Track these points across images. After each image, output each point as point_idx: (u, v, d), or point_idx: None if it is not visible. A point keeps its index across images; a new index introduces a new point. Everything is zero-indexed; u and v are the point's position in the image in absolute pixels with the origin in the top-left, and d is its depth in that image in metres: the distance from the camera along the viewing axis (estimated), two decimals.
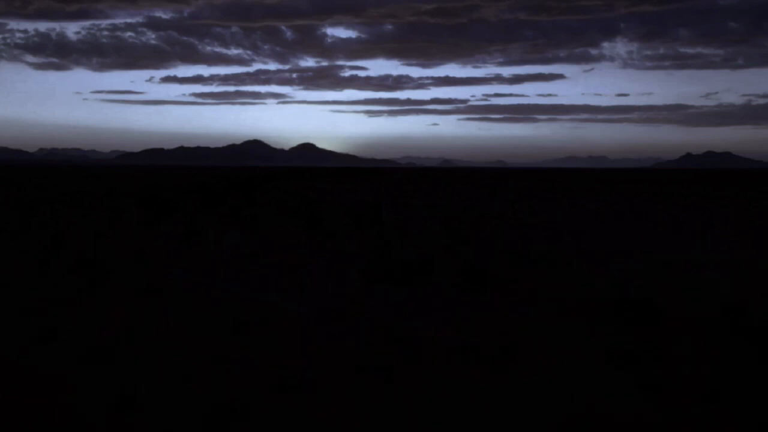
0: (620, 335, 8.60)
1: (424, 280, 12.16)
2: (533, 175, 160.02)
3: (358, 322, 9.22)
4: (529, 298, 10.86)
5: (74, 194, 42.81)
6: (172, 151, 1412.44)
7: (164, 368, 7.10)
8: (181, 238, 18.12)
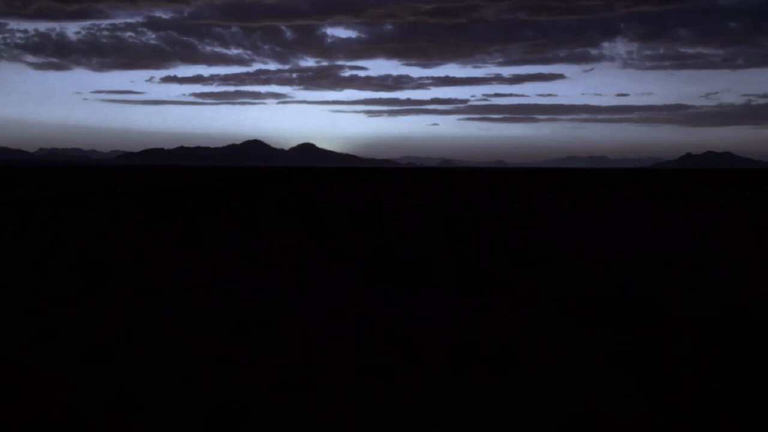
0: (620, 335, 8.61)
1: (424, 280, 12.17)
2: (533, 175, 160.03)
3: (358, 322, 9.22)
4: (529, 298, 10.87)
5: (74, 194, 42.81)
6: (172, 151, 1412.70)
7: (164, 368, 7.10)
8: (181, 238, 18.12)
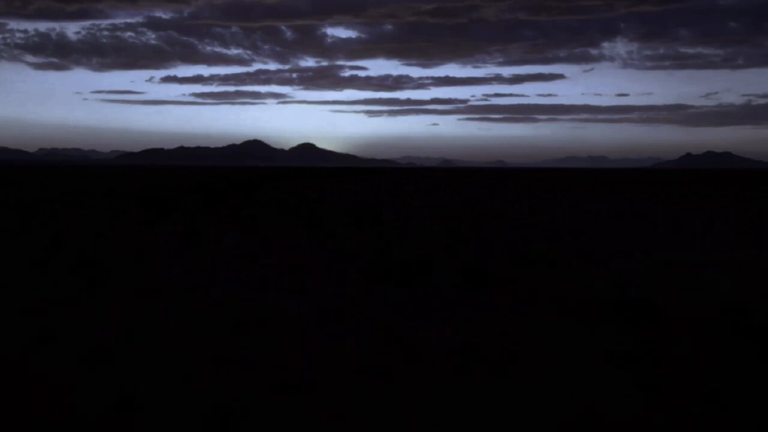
0: (620, 335, 8.60)
1: (424, 280, 12.16)
2: (533, 175, 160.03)
3: (358, 322, 9.22)
4: (529, 298, 10.86)
5: (74, 194, 42.81)
6: (172, 151, 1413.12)
7: (164, 368, 7.10)
8: (181, 238, 18.12)
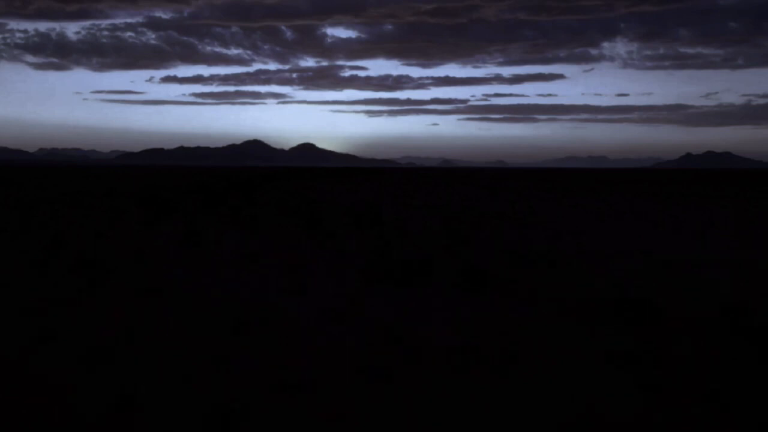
0: (620, 335, 8.60)
1: (424, 280, 12.16)
2: (533, 175, 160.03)
3: (358, 322, 9.22)
4: (529, 298, 10.86)
5: (74, 194, 42.81)
6: (172, 151, 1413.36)
7: (164, 368, 7.10)
8: (181, 238, 18.12)
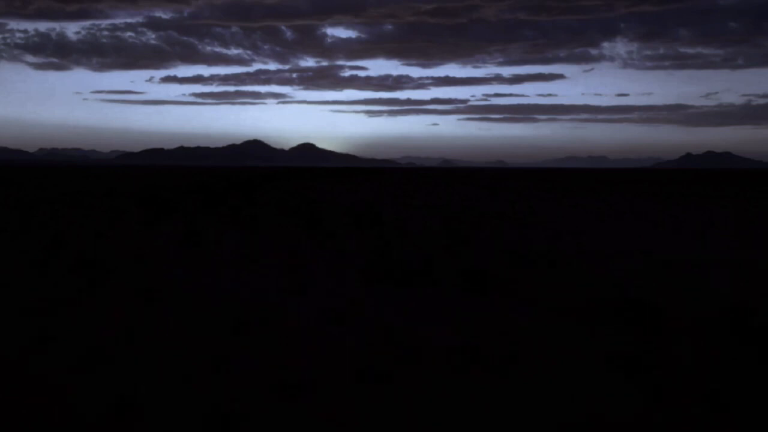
0: (620, 336, 8.60)
1: (424, 280, 12.16)
2: (533, 175, 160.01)
3: (358, 322, 9.21)
4: (529, 298, 10.86)
5: (74, 194, 42.81)
6: (172, 151, 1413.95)
7: (164, 369, 7.10)
8: (181, 238, 18.12)
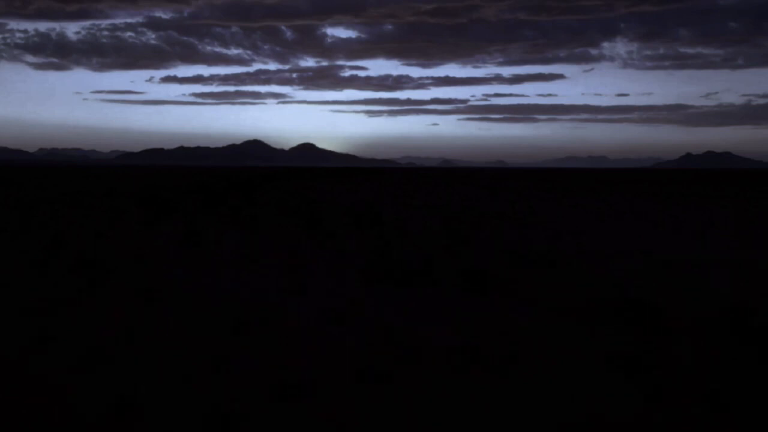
0: (620, 336, 8.60)
1: (424, 280, 12.16)
2: (533, 175, 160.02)
3: (358, 322, 9.21)
4: (529, 298, 10.86)
5: (74, 194, 42.81)
6: (172, 151, 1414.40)
7: (164, 369, 7.10)
8: (181, 238, 18.12)
